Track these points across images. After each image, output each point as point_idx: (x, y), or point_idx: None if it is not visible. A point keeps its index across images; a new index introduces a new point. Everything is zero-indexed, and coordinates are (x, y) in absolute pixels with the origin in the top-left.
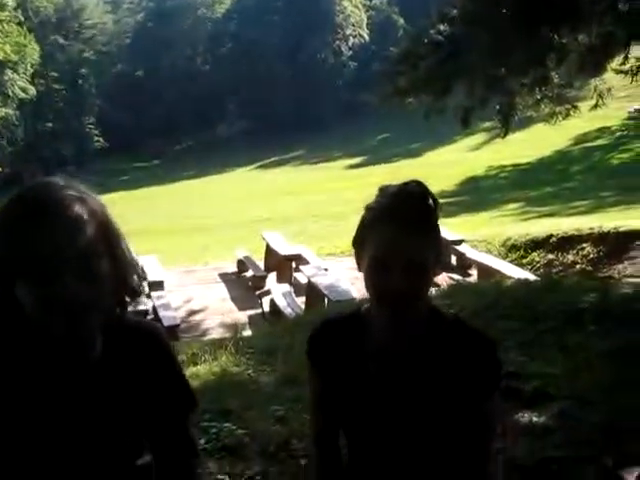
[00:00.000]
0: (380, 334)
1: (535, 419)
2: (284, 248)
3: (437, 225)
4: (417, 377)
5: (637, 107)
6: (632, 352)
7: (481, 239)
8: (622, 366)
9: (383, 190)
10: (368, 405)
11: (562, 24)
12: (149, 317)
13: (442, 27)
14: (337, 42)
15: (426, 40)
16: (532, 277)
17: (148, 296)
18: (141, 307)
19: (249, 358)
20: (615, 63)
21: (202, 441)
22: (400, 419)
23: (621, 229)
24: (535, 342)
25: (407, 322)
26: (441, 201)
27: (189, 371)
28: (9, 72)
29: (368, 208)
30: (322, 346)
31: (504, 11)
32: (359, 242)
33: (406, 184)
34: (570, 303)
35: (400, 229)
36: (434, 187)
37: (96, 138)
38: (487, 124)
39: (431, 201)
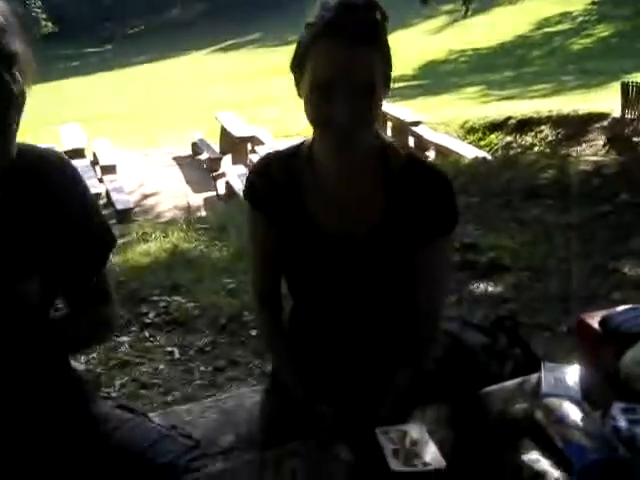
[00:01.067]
0: (324, 168)
1: (491, 289)
2: (239, 129)
3: (386, 40)
4: (364, 216)
5: None
6: (589, 225)
7: (439, 121)
8: (579, 239)
9: (324, 3)
10: (312, 252)
11: None
12: (102, 201)
13: None
14: None
15: None
16: (489, 157)
17: (100, 180)
18: (94, 190)
19: (201, 234)
20: None
21: (151, 315)
22: (348, 263)
23: (580, 111)
24: (492, 216)
25: (354, 153)
26: (400, 84)
27: (139, 249)
28: None
29: (307, 24)
30: (263, 185)
31: None
32: (298, 64)
33: None
34: (527, 179)
35: (345, 45)
36: (395, 70)
37: (44, 23)
38: (449, 6)
39: (379, 14)
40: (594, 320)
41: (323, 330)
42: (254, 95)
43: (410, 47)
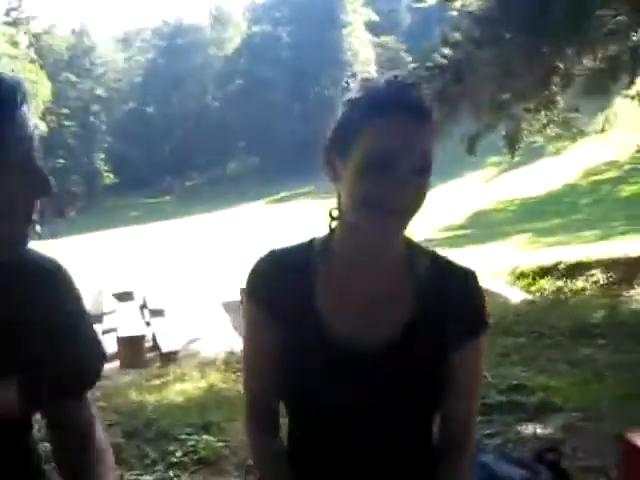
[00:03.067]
0: (348, 263)
1: (540, 430)
2: None
3: (436, 127)
4: (387, 321)
5: None
6: None
7: (489, 270)
8: (632, 379)
9: (366, 80)
10: (321, 365)
11: (566, 47)
12: (148, 344)
13: (446, 51)
14: (346, 79)
15: (430, 64)
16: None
17: (148, 323)
18: (140, 332)
19: (239, 375)
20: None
21: (178, 454)
22: (367, 383)
23: (630, 254)
24: (541, 356)
25: (394, 244)
26: (449, 234)
27: (175, 388)
28: None
29: (350, 101)
30: (267, 282)
31: (508, 36)
32: (342, 145)
33: (394, 74)
34: (578, 319)
35: (406, 120)
36: (443, 220)
37: (106, 174)
38: (495, 158)
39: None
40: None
41: (330, 460)
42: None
43: (457, 198)
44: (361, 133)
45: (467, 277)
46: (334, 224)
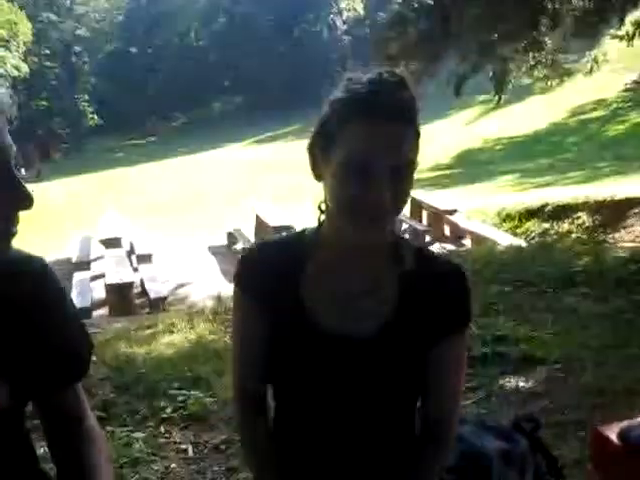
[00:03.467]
0: (335, 258)
1: (522, 384)
2: (275, 219)
3: (418, 119)
4: (373, 314)
5: (634, 78)
6: (624, 314)
7: (475, 209)
8: (613, 329)
9: (352, 79)
10: (308, 353)
11: None
12: (136, 290)
13: None
14: (332, 16)
15: (416, 4)
16: (524, 245)
17: (135, 269)
18: (128, 279)
19: (227, 325)
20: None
21: (168, 410)
22: (350, 366)
23: (617, 197)
24: (525, 305)
25: (379, 241)
26: (436, 174)
27: (164, 340)
28: (1, 50)
29: (334, 101)
30: (256, 271)
31: None
32: (323, 144)
33: (379, 72)
34: (562, 267)
35: (384, 122)
36: (429, 161)
37: (90, 116)
38: (482, 97)
39: (411, 94)
40: (612, 432)
41: (314, 444)
42: (292, 185)
43: (445, 137)
44: (340, 135)
45: (453, 272)
46: (323, 217)
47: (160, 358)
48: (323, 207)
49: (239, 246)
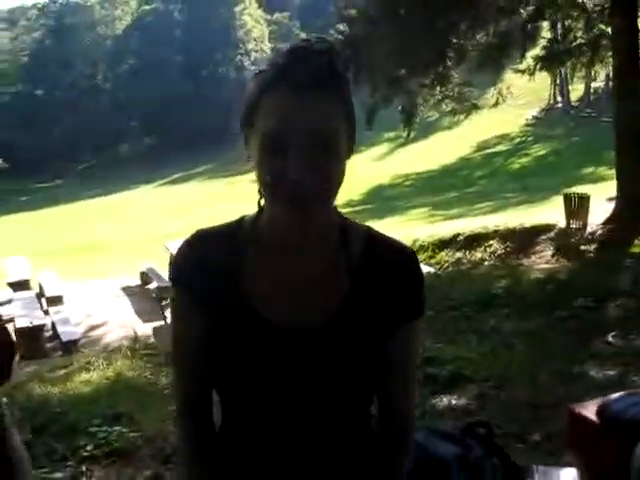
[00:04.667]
0: (273, 245)
1: (455, 402)
2: None
3: (348, 93)
4: (321, 303)
5: (534, 114)
6: (547, 331)
7: None
8: (537, 346)
9: (278, 50)
10: (254, 348)
11: (460, 23)
12: (47, 333)
13: (342, 27)
14: (239, 57)
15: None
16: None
17: (46, 312)
18: (39, 322)
19: (147, 361)
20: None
21: (89, 447)
22: (300, 360)
23: (526, 225)
24: (450, 328)
25: (312, 223)
26: (347, 210)
27: (80, 378)
28: None
29: (257, 73)
30: (193, 264)
31: (403, 11)
32: (246, 118)
33: (308, 39)
34: (482, 290)
35: (300, 92)
36: (342, 196)
37: None
38: (390, 134)
39: (337, 59)
40: (588, 411)
41: (265, 444)
42: (203, 224)
43: (355, 173)
44: (256, 108)
45: (404, 256)
46: (263, 202)
47: (77, 396)
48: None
49: (153, 285)
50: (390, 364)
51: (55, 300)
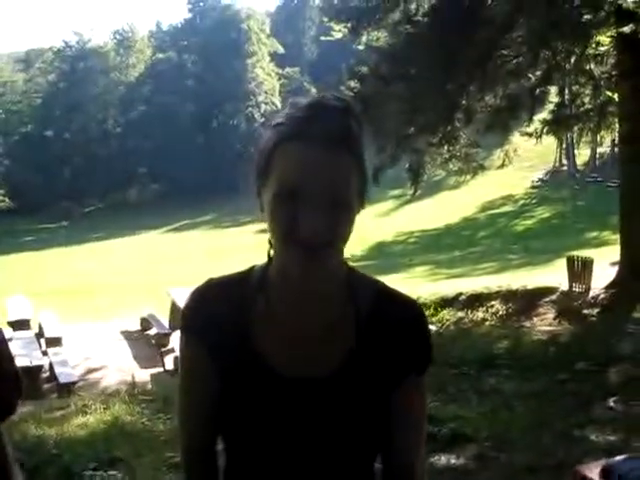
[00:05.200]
0: (282, 296)
1: (454, 461)
2: None
3: (362, 151)
4: (329, 354)
5: (540, 176)
6: (548, 393)
7: None
8: (539, 408)
9: (295, 103)
10: (262, 398)
11: (470, 85)
12: (44, 374)
13: (353, 84)
14: (250, 109)
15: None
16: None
17: (44, 353)
18: (37, 362)
19: (144, 407)
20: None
21: None
22: (307, 411)
23: (528, 287)
24: (450, 387)
25: (321, 276)
26: (352, 265)
27: (77, 421)
28: None
29: (275, 125)
30: (203, 313)
31: (413, 71)
32: (261, 171)
33: (322, 96)
34: (483, 350)
35: (315, 147)
36: (345, 252)
37: (1, 198)
38: (395, 191)
39: (354, 119)
40: (593, 472)
41: None
42: (206, 273)
43: (359, 229)
44: (272, 161)
45: (412, 310)
46: (272, 252)
47: (73, 439)
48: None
49: (153, 331)
50: (395, 418)
51: (54, 341)
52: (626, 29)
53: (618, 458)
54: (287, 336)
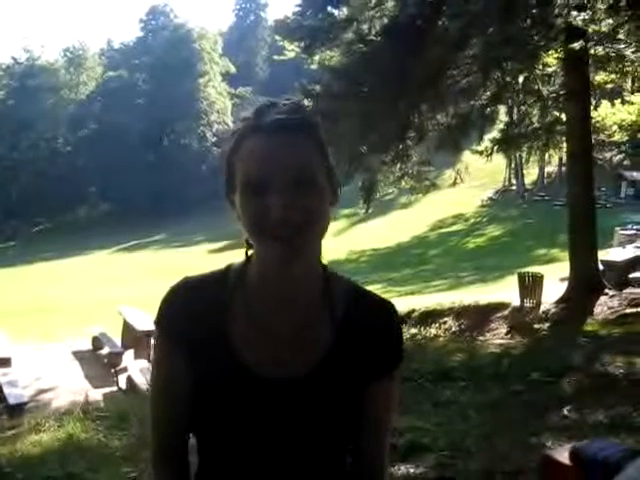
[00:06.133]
0: (260, 293)
1: (413, 470)
2: (142, 323)
3: (323, 140)
4: (306, 352)
5: (489, 195)
6: (503, 403)
7: None
8: (493, 418)
9: (251, 104)
10: (237, 398)
11: (421, 103)
12: None
13: (306, 102)
14: (201, 128)
15: None
16: None
17: None
18: None
19: (99, 424)
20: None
21: None
22: (283, 410)
23: (480, 302)
24: (407, 399)
25: (299, 265)
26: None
27: (30, 439)
28: None
29: (232, 133)
30: (179, 310)
31: (366, 89)
32: (227, 177)
33: (272, 99)
34: (438, 363)
35: (272, 134)
36: None
37: None
38: (346, 210)
39: (310, 112)
40: (562, 455)
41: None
42: (157, 293)
43: None
44: (233, 163)
45: (385, 309)
46: (251, 252)
47: (26, 457)
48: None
49: (105, 350)
50: (370, 410)
51: (3, 361)
52: (576, 45)
53: (585, 441)
54: (264, 336)
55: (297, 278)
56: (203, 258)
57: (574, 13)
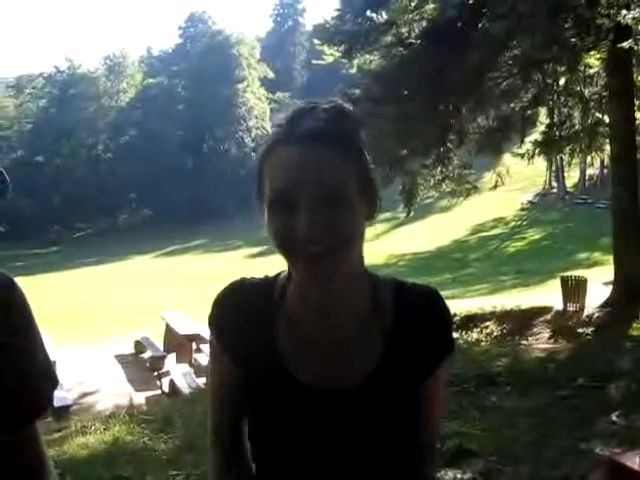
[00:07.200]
0: (299, 305)
1: (460, 476)
2: (184, 328)
3: (363, 153)
4: (355, 363)
5: (529, 199)
6: (549, 409)
7: None
8: (540, 423)
9: (289, 108)
10: (287, 408)
11: (462, 106)
12: None
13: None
14: (240, 133)
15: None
16: None
17: None
18: None
19: (144, 427)
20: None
21: None
22: (335, 421)
23: (522, 307)
24: (451, 404)
25: (331, 281)
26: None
27: (77, 441)
28: None
29: (266, 139)
30: (229, 316)
31: (406, 93)
32: (257, 186)
33: (310, 101)
34: (482, 368)
35: (302, 145)
36: None
37: None
38: (386, 214)
39: (346, 114)
40: (631, 461)
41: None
42: (197, 297)
43: None
44: (263, 171)
45: (433, 300)
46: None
47: (74, 459)
48: None
49: (147, 354)
50: (425, 405)
51: None
52: (625, 44)
53: None
54: (312, 347)
55: (337, 293)
56: (240, 263)
57: (623, 12)
